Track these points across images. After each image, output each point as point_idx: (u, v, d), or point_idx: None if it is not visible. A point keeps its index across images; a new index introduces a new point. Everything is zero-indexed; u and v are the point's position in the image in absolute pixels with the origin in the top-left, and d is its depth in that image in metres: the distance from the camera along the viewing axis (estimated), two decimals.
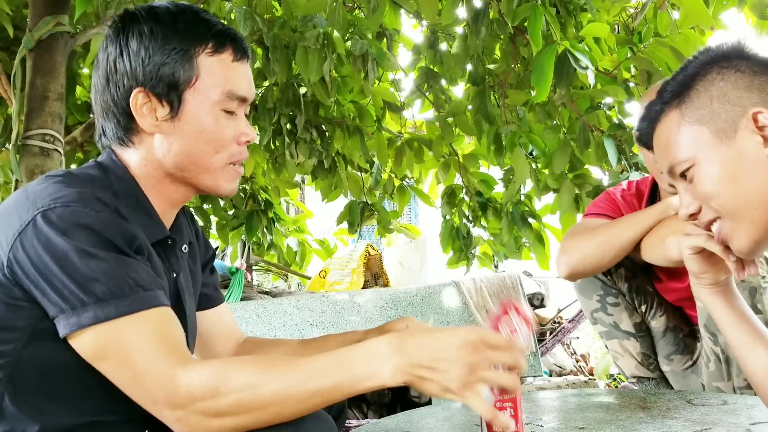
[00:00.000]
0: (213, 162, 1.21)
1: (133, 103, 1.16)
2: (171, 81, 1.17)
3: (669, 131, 1.20)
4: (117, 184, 1.17)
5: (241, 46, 1.23)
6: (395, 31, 3.70)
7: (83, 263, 0.99)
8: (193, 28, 1.19)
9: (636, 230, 1.76)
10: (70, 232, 1.00)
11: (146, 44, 1.16)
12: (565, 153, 3.23)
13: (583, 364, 3.75)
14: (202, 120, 1.19)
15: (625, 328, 2.02)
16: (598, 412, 1.64)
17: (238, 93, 1.21)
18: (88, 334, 0.99)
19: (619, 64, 3.05)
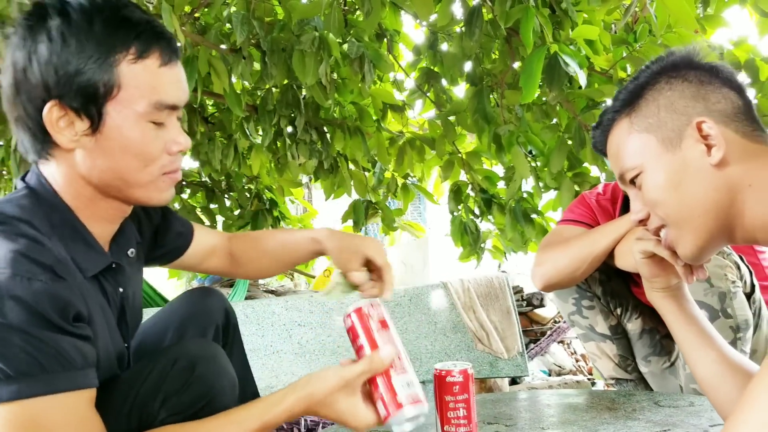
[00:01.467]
0: (143, 176, 1.12)
1: (47, 118, 1.04)
2: (89, 93, 1.04)
3: (619, 139, 1.22)
4: (51, 213, 1.09)
5: (169, 47, 1.11)
6: (395, 32, 3.73)
7: (11, 338, 0.94)
8: (113, 30, 1.05)
9: (608, 241, 1.77)
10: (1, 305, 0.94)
11: (57, 50, 1.03)
12: (562, 152, 3.24)
13: (583, 364, 3.75)
14: (126, 134, 1.08)
15: (601, 331, 2.03)
16: (565, 413, 1.67)
17: (166, 102, 1.10)
18: (6, 409, 0.93)
19: (615, 64, 3.05)
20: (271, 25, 3.18)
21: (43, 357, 0.95)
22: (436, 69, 3.66)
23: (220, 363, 1.23)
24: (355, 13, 3.58)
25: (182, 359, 1.17)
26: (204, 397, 1.16)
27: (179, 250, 1.55)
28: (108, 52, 1.04)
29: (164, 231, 1.50)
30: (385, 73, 3.76)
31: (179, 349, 1.22)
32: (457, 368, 1.32)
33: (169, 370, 1.15)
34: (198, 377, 1.16)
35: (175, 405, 1.13)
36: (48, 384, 0.95)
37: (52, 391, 0.95)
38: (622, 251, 1.77)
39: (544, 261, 1.88)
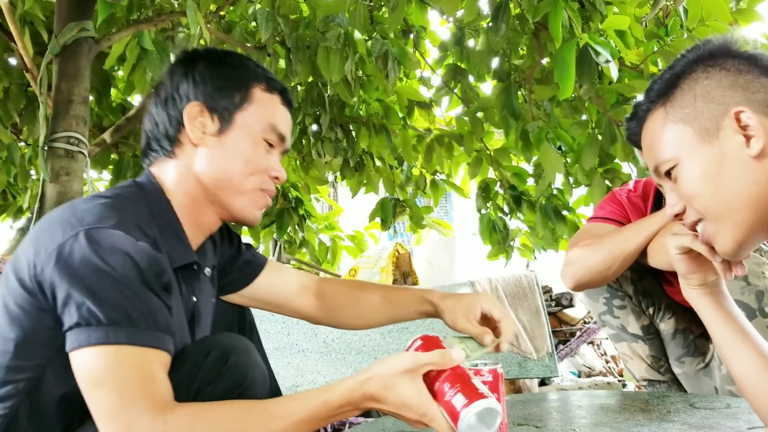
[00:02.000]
0: (246, 183, 1.27)
1: (188, 113, 1.26)
2: (226, 102, 1.27)
3: (654, 130, 1.18)
4: (153, 204, 1.23)
5: (288, 97, 1.37)
6: (421, 28, 3.70)
7: (111, 286, 1.02)
8: (253, 67, 1.33)
9: (640, 239, 1.71)
10: (108, 254, 1.03)
11: (212, 68, 1.29)
12: (593, 148, 3.17)
13: (613, 365, 3.68)
14: (244, 142, 1.27)
15: (633, 331, 1.97)
16: (598, 414, 1.62)
17: (279, 129, 1.32)
18: (92, 352, 1.01)
19: (646, 58, 2.98)
20: (295, 22, 3.17)
21: (134, 311, 1.03)
22: (462, 65, 3.62)
23: (252, 355, 1.24)
24: (381, 10, 3.55)
25: (215, 350, 1.18)
26: (237, 387, 1.17)
27: (245, 279, 1.55)
28: (248, 78, 1.31)
29: (233, 259, 1.54)
30: (411, 70, 3.73)
31: (212, 341, 1.23)
32: (486, 367, 1.28)
33: (202, 361, 1.17)
34: (231, 367, 1.18)
35: (209, 395, 1.13)
36: (131, 335, 1.02)
37: (134, 342, 1.02)
38: (655, 249, 1.71)
39: (575, 260, 1.82)
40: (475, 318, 1.41)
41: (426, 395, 1.05)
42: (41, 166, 2.54)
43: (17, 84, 3.66)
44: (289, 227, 4.21)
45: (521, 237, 3.97)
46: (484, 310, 1.41)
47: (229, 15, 3.62)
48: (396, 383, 1.04)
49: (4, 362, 1.09)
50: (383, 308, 1.58)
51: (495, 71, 3.45)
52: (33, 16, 3.04)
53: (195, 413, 1.02)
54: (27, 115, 3.79)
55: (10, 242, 4.28)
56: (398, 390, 1.04)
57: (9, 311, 1.09)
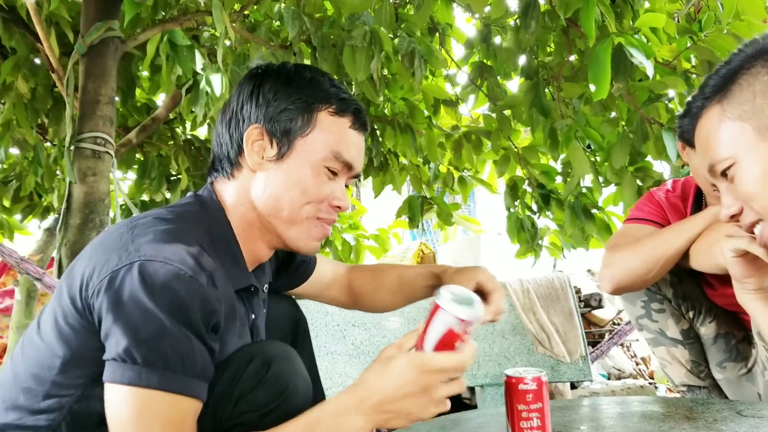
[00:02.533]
0: (301, 212, 1.23)
1: (247, 136, 1.22)
2: (287, 126, 1.22)
3: (710, 128, 1.13)
4: (213, 224, 1.21)
5: (362, 119, 1.28)
6: (448, 26, 3.66)
7: (154, 326, 1.00)
8: (325, 87, 1.25)
9: (682, 240, 1.66)
10: (157, 293, 1.00)
11: (277, 89, 1.23)
12: (624, 147, 3.11)
13: (644, 368, 3.62)
14: (303, 170, 1.22)
15: (672, 335, 1.91)
16: (640, 422, 1.57)
17: (344, 156, 1.25)
18: (122, 390, 1.00)
19: (679, 54, 2.92)
20: (321, 20, 3.14)
21: (172, 354, 1.00)
22: (489, 63, 3.58)
23: (294, 363, 1.22)
24: (406, 7, 3.51)
25: (258, 358, 1.17)
26: (279, 395, 1.15)
27: (300, 279, 1.63)
28: (314, 100, 1.23)
29: (287, 263, 1.57)
30: (437, 68, 3.69)
31: (255, 348, 1.21)
32: (529, 375, 1.24)
33: (244, 368, 1.15)
34: (273, 375, 1.16)
35: (250, 402, 1.13)
36: (163, 380, 1.00)
37: (165, 388, 1.00)
38: (698, 251, 1.65)
39: (613, 262, 1.76)
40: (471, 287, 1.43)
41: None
42: (66, 167, 2.53)
43: (43, 84, 3.67)
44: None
45: (550, 235, 3.92)
46: (479, 282, 1.44)
47: (253, 14, 3.60)
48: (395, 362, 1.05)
49: (50, 376, 1.09)
50: (400, 290, 1.64)
51: (522, 68, 3.40)
52: (59, 16, 3.04)
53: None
54: (53, 116, 3.80)
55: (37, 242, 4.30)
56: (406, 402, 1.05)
57: (59, 327, 1.09)
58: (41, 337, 1.13)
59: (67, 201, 2.53)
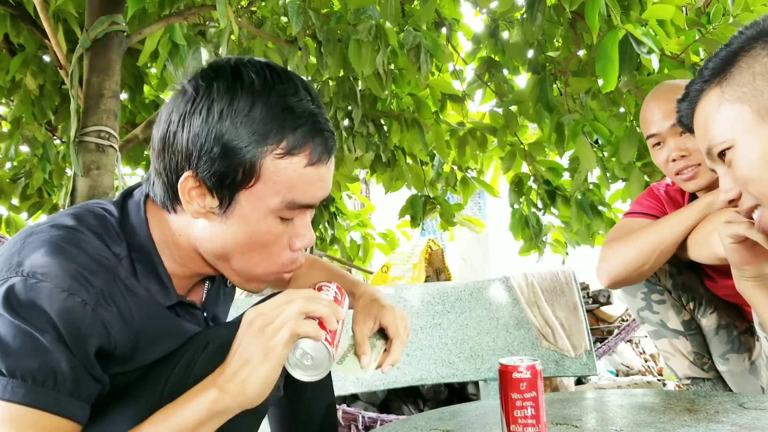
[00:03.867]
0: (255, 269, 1.10)
1: (182, 185, 1.02)
2: (226, 177, 1.01)
3: (708, 111, 1.11)
4: (131, 237, 1.08)
5: (324, 145, 1.05)
6: (454, 21, 3.65)
7: (22, 339, 0.91)
8: (271, 119, 1.01)
9: (677, 232, 1.65)
10: (23, 308, 0.92)
11: (210, 127, 1.00)
12: (632, 141, 3.09)
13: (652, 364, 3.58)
14: (252, 226, 1.04)
15: (674, 327, 1.89)
16: (640, 414, 1.55)
17: (300, 202, 1.05)
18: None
19: (687, 47, 2.89)
20: (326, 15, 3.14)
21: (42, 369, 0.91)
22: (496, 58, 3.56)
23: None
24: (413, 2, 3.51)
25: (212, 343, 1.10)
26: None
27: None
28: (258, 142, 1.00)
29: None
30: (444, 63, 3.68)
31: (209, 334, 1.15)
32: (524, 363, 1.22)
33: (199, 355, 1.09)
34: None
35: None
36: (29, 395, 0.91)
37: (32, 404, 0.91)
38: (695, 242, 1.64)
39: (609, 256, 1.76)
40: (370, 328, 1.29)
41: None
42: (72, 160, 2.54)
43: (51, 81, 3.70)
44: (320, 224, 4.19)
45: (554, 233, 3.89)
46: (382, 324, 1.30)
47: (260, 10, 3.61)
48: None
49: None
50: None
51: (530, 63, 3.39)
52: (66, 12, 3.06)
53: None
54: (61, 113, 3.83)
55: None
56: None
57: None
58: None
59: (71, 195, 2.54)
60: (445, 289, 2.77)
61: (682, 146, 1.75)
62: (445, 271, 4.08)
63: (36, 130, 3.85)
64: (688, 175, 1.75)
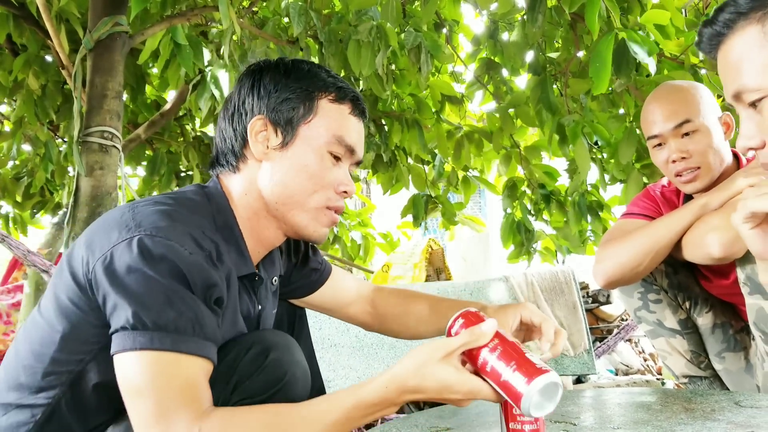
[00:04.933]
0: (309, 200, 1.24)
1: (251, 128, 1.23)
2: (290, 114, 1.23)
3: (743, 50, 1.00)
4: (217, 214, 1.22)
5: (360, 106, 1.30)
6: (455, 22, 3.66)
7: (159, 293, 1.02)
8: (323, 77, 1.26)
9: (672, 232, 1.67)
10: (157, 262, 1.02)
11: (277, 80, 1.25)
12: (631, 142, 3.10)
13: (651, 363, 3.59)
14: (308, 156, 1.23)
15: (670, 326, 1.91)
16: (638, 412, 1.56)
17: (347, 141, 1.26)
18: (134, 356, 1.00)
19: (687, 49, 2.90)
20: (328, 16, 3.15)
21: (181, 318, 1.02)
22: (496, 59, 3.57)
23: (293, 352, 1.23)
24: (414, 4, 3.52)
25: (256, 345, 1.18)
26: (276, 383, 1.16)
27: (311, 287, 1.57)
28: (314, 89, 1.25)
29: (301, 266, 1.54)
30: (444, 63, 3.69)
31: (255, 336, 1.22)
32: None
33: (243, 355, 1.16)
34: (270, 363, 1.17)
35: (247, 389, 1.13)
36: (176, 342, 1.01)
37: (178, 349, 1.01)
38: (689, 242, 1.66)
39: (605, 257, 1.79)
40: (512, 326, 1.38)
41: (465, 373, 1.02)
42: (76, 160, 2.56)
43: (54, 81, 3.72)
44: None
45: (544, 240, 3.89)
46: (524, 319, 1.38)
47: (261, 10, 3.62)
48: (432, 371, 1.01)
49: (49, 353, 1.11)
50: (430, 320, 1.58)
51: (530, 64, 3.40)
52: (69, 13, 3.08)
53: (227, 419, 1.00)
54: (63, 112, 3.85)
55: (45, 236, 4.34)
56: (436, 376, 1.01)
57: (59, 303, 1.11)
58: (42, 314, 1.14)
59: (74, 194, 2.56)
60: (445, 289, 2.79)
61: (683, 148, 1.76)
62: (445, 271, 4.09)
63: (38, 129, 3.87)
64: (688, 178, 1.77)
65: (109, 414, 1.13)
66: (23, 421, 1.11)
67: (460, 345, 1.03)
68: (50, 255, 3.96)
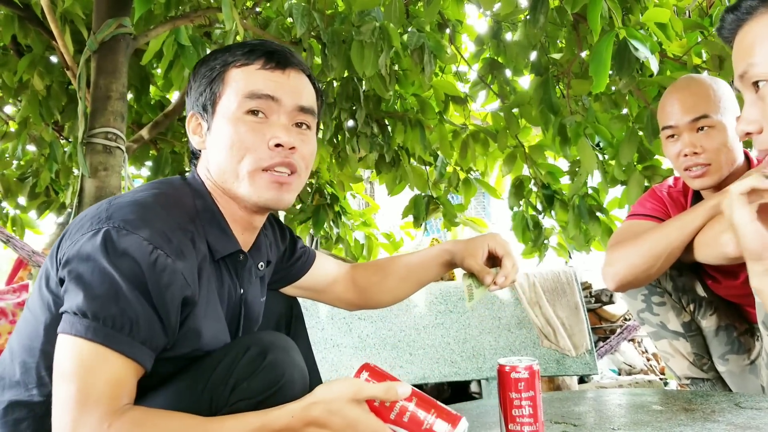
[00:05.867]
0: (240, 168, 1.23)
1: (188, 125, 1.31)
2: (207, 99, 1.26)
3: (758, 33, 1.01)
4: (197, 199, 1.26)
5: (276, 58, 1.25)
6: (458, 22, 3.66)
7: (108, 286, 1.04)
8: (233, 50, 1.27)
9: (684, 234, 1.65)
10: (117, 256, 1.05)
11: (195, 72, 1.30)
12: (632, 143, 3.10)
13: (654, 363, 3.60)
14: (225, 128, 1.23)
15: (674, 328, 1.91)
16: (638, 413, 1.57)
17: (260, 91, 1.23)
18: (70, 341, 1.03)
19: (689, 49, 2.90)
20: (331, 17, 3.16)
21: (121, 315, 1.03)
22: (499, 59, 3.57)
23: (291, 354, 1.23)
24: (417, 4, 3.52)
25: (254, 347, 1.18)
26: (273, 384, 1.16)
27: (297, 274, 1.61)
28: (221, 63, 1.26)
29: (289, 254, 1.58)
30: (447, 64, 3.69)
31: (252, 338, 1.23)
32: (522, 364, 1.25)
33: (241, 357, 1.17)
34: (268, 365, 1.17)
35: (245, 390, 1.14)
36: (108, 337, 1.02)
37: (110, 345, 1.02)
38: (702, 243, 1.64)
39: (616, 260, 1.76)
40: (482, 257, 1.48)
41: (373, 417, 1.03)
42: (80, 161, 2.57)
43: (58, 82, 3.73)
44: (325, 223, 4.21)
45: (557, 235, 3.90)
46: (490, 248, 1.47)
47: (265, 11, 3.63)
48: (341, 408, 1.02)
49: (38, 346, 1.14)
50: (409, 275, 1.62)
51: (533, 65, 3.40)
52: (73, 14, 3.09)
53: (138, 421, 1.01)
54: (68, 113, 3.86)
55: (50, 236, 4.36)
56: (343, 414, 1.02)
57: (42, 294, 1.14)
58: (30, 309, 1.17)
59: (79, 195, 2.58)
60: (447, 289, 2.80)
61: (697, 143, 1.75)
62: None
63: (43, 129, 3.89)
64: (697, 173, 1.77)
65: None
66: (23, 417, 1.13)
67: (371, 394, 1.04)
68: None
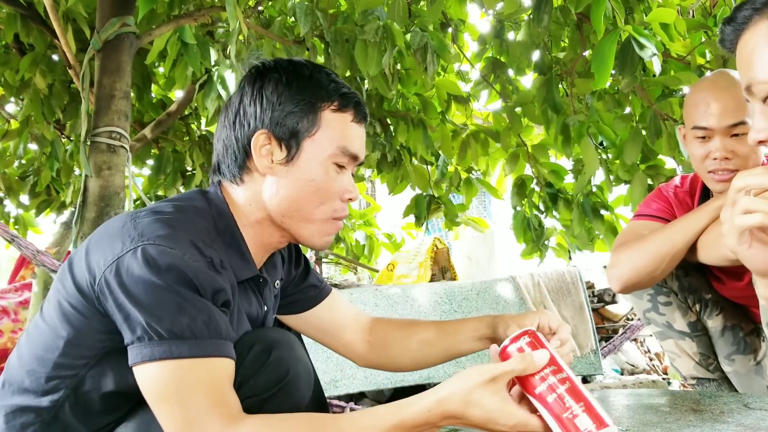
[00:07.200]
0: (315, 213, 1.24)
1: (254, 142, 1.22)
2: (294, 128, 1.21)
3: (755, 44, 1.01)
4: (218, 219, 1.22)
5: (362, 111, 1.28)
6: (461, 22, 3.66)
7: (169, 301, 1.02)
8: (325, 85, 1.24)
9: (688, 235, 1.64)
10: (164, 271, 1.03)
11: (280, 91, 1.22)
12: (636, 143, 3.10)
13: (657, 363, 3.60)
14: (314, 169, 1.22)
15: (680, 328, 1.91)
16: (646, 414, 1.57)
17: (351, 150, 1.25)
18: (155, 366, 1.01)
19: (693, 50, 2.90)
20: (334, 16, 3.16)
21: (194, 322, 1.03)
22: (502, 59, 3.57)
23: (295, 349, 1.24)
24: (420, 3, 3.52)
25: (259, 344, 1.19)
26: (279, 381, 1.17)
27: (309, 302, 1.53)
28: (317, 100, 1.22)
29: (299, 281, 1.52)
30: (449, 63, 3.69)
31: (256, 335, 1.24)
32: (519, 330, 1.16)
33: (246, 354, 1.17)
34: (273, 361, 1.18)
35: (251, 387, 1.14)
36: (194, 347, 1.02)
37: (197, 354, 1.02)
38: (705, 244, 1.64)
39: (620, 262, 1.75)
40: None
41: (512, 404, 1.00)
42: (82, 161, 2.57)
43: (60, 80, 3.73)
44: None
45: (557, 236, 3.89)
46: (542, 324, 1.34)
47: (268, 10, 3.63)
48: (479, 398, 0.99)
49: (52, 358, 1.12)
50: (437, 340, 1.49)
51: (536, 64, 3.40)
52: (76, 13, 3.08)
53: (264, 425, 1.00)
54: (70, 111, 3.86)
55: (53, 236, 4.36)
56: (482, 404, 0.99)
57: (63, 309, 1.11)
58: (45, 320, 1.15)
59: (83, 195, 2.57)
60: (452, 289, 2.80)
61: (730, 148, 1.68)
62: (450, 270, 4.10)
63: (45, 128, 3.88)
64: (723, 177, 1.70)
65: (115, 415, 1.15)
66: (29, 422, 1.13)
67: (508, 370, 1.00)
68: (59, 254, 3.97)
